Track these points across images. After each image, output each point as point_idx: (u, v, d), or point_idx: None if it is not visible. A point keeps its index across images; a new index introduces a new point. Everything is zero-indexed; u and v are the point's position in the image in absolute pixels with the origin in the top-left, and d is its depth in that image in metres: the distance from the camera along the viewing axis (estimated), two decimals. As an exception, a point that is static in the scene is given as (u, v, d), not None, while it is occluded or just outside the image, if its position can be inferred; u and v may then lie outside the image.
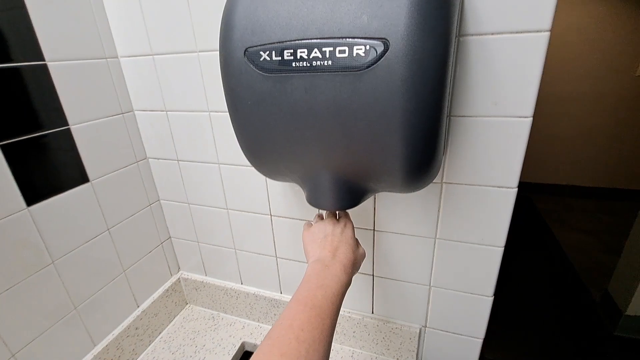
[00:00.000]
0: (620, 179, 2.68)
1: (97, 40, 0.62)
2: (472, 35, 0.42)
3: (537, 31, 0.40)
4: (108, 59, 0.64)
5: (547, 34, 0.40)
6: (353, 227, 0.48)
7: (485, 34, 0.42)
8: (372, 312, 0.69)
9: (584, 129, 2.63)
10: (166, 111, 0.66)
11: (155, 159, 0.73)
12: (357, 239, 0.47)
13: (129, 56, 0.65)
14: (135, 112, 0.70)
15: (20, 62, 0.51)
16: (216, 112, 0.62)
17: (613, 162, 2.65)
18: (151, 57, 0.63)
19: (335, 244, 0.43)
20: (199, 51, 0.58)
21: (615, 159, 2.64)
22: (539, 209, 2.61)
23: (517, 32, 0.41)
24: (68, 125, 0.58)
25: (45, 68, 0.55)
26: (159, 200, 0.78)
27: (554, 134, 2.69)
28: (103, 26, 0.63)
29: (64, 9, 0.56)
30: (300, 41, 0.34)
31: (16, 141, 0.52)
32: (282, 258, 0.72)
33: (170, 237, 0.83)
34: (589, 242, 2.20)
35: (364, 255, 0.47)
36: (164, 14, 0.58)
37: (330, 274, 0.38)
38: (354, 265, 0.42)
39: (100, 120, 0.64)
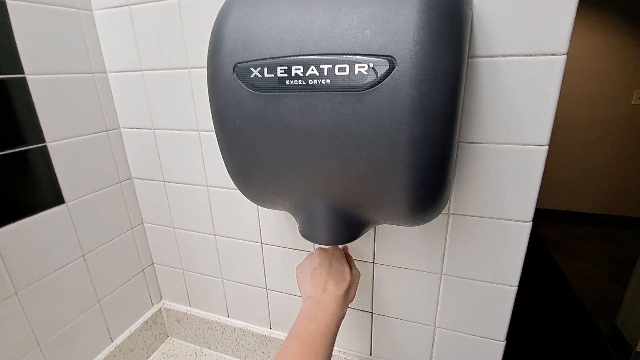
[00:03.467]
0: (621, 206, 2.65)
1: (84, 55, 0.59)
2: (482, 57, 0.39)
3: (553, 54, 0.37)
4: (95, 74, 0.61)
5: (564, 57, 0.37)
6: (342, 254, 0.46)
7: (496, 55, 0.39)
8: (370, 354, 0.62)
9: (581, 155, 2.63)
10: (154, 129, 0.62)
11: (141, 179, 0.68)
12: (348, 262, 0.46)
13: (117, 71, 0.62)
14: (122, 129, 0.66)
15: (-4, 74, 0.48)
16: (206, 131, 0.58)
17: (613, 189, 2.63)
18: (140, 72, 0.59)
19: (324, 277, 0.42)
20: (191, 68, 0.55)
21: (615, 185, 2.62)
22: (541, 236, 2.55)
23: (530, 55, 0.38)
24: (45, 142, 0.54)
25: (23, 81, 0.51)
26: (142, 223, 0.73)
27: (552, 159, 2.69)
28: (92, 40, 0.60)
29: (51, 23, 0.54)
30: (295, 57, 0.30)
31: (-17, 158, 0.47)
32: (272, 290, 0.66)
33: (153, 263, 0.77)
34: (594, 271, 2.13)
35: (358, 277, 0.46)
36: (155, 28, 0.56)
37: (322, 307, 0.38)
38: (347, 294, 0.42)
39: (82, 137, 0.60)
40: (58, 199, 0.57)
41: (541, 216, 2.78)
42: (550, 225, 2.70)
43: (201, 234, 0.67)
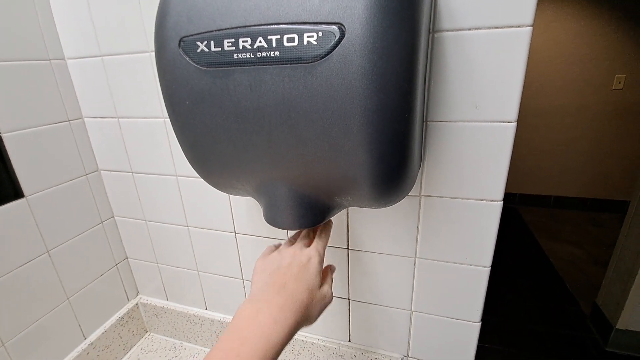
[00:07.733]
0: (604, 189, 2.71)
1: (40, 41, 0.56)
2: (448, 30, 0.38)
3: (518, 26, 0.36)
4: (52, 61, 0.58)
5: (529, 29, 0.36)
6: (321, 261, 0.36)
7: (462, 29, 0.38)
8: (349, 340, 0.62)
9: (564, 141, 2.67)
10: (118, 118, 0.60)
11: (108, 171, 0.66)
12: (325, 280, 0.36)
13: (76, 57, 0.58)
14: (85, 119, 0.63)
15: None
16: (172, 118, 0.56)
17: (596, 173, 2.68)
18: (100, 58, 0.56)
19: (286, 278, 0.32)
20: (151, 51, 0.52)
21: (598, 170, 2.67)
22: (526, 220, 2.60)
23: (496, 27, 0.37)
24: (-2, 132, 0.51)
25: (-30, 68, 0.48)
26: (113, 216, 0.70)
27: (536, 145, 2.72)
28: (48, 26, 0.56)
29: (3, 7, 0.50)
30: (242, 28, 0.28)
31: None
32: (249, 281, 0.65)
33: (127, 258, 0.74)
34: (577, 254, 2.18)
35: (326, 299, 0.35)
36: (112, 9, 0.52)
37: (259, 323, 0.29)
38: (306, 310, 0.32)
39: (40, 127, 0.57)
40: (16, 193, 0.54)
41: (526, 202, 2.82)
42: (535, 210, 2.75)
43: (174, 226, 0.65)
